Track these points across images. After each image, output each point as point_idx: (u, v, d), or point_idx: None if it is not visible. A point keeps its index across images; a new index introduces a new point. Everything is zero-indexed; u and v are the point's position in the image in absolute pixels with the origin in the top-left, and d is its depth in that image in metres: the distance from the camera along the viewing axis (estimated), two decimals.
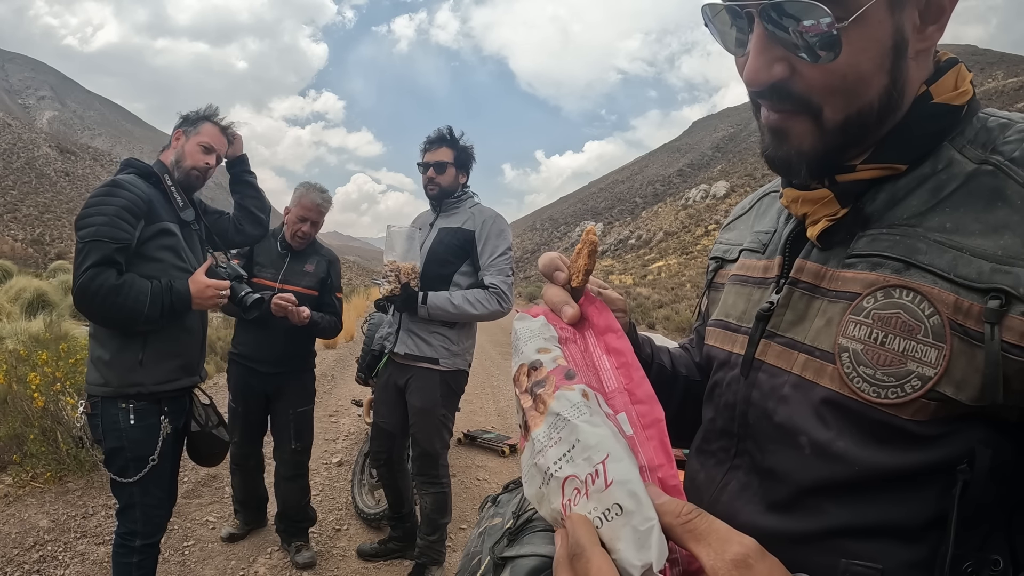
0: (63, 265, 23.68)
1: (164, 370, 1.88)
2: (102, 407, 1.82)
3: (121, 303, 1.71)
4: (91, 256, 1.71)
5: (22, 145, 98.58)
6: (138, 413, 1.83)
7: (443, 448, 2.56)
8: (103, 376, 1.82)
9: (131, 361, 1.82)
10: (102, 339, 1.85)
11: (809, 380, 0.55)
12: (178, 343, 1.94)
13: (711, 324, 0.72)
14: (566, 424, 0.46)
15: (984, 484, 0.47)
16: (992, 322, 0.45)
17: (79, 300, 1.72)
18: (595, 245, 0.61)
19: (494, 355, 10.12)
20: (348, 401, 5.56)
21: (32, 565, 2.60)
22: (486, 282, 2.43)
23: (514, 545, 1.10)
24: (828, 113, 0.54)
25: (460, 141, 2.55)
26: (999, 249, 0.47)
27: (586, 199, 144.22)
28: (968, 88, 0.55)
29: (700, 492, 0.65)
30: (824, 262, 0.57)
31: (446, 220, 2.54)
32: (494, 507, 1.44)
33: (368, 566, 2.81)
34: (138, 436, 1.83)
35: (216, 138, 2.04)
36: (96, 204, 1.77)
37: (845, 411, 0.52)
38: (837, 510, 0.52)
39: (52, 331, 6.40)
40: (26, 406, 3.50)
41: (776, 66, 0.53)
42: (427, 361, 2.46)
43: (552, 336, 0.57)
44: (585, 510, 0.42)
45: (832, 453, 0.52)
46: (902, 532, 0.49)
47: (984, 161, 0.51)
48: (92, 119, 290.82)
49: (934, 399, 0.48)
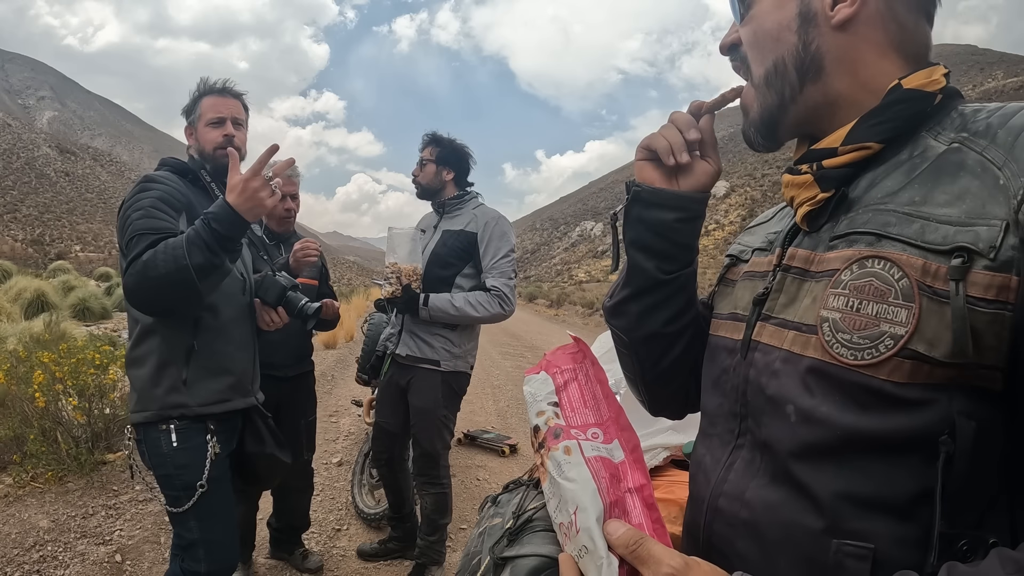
0: (63, 265, 23.70)
1: (211, 390, 1.64)
2: (144, 433, 1.61)
3: (161, 272, 1.41)
4: (131, 252, 1.48)
5: (22, 145, 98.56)
6: (180, 434, 1.59)
7: (444, 449, 2.56)
8: (143, 401, 1.60)
9: (173, 381, 1.59)
10: (142, 358, 1.62)
11: (796, 353, 0.58)
12: (227, 358, 1.68)
13: (723, 317, 0.75)
14: (553, 481, 0.59)
15: (970, 458, 0.48)
16: (957, 279, 0.48)
17: (131, 297, 1.49)
18: None
19: (494, 355, 10.12)
20: (348, 401, 5.56)
21: (32, 565, 2.60)
22: (488, 284, 2.42)
23: (514, 545, 1.10)
24: (754, 67, 0.67)
25: (445, 139, 2.56)
26: (962, 214, 0.50)
27: (586, 199, 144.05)
28: (940, 80, 0.60)
29: (708, 474, 0.67)
30: (813, 248, 0.62)
31: (449, 222, 2.54)
32: (494, 507, 1.44)
33: (368, 566, 2.81)
34: (183, 460, 1.60)
35: (218, 105, 1.76)
36: (130, 206, 1.57)
37: (827, 377, 0.55)
38: (826, 480, 0.54)
39: (52, 331, 6.40)
40: (26, 406, 3.50)
41: (733, 34, 0.70)
42: (428, 362, 2.46)
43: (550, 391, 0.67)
44: (570, 550, 0.58)
45: (816, 419, 0.55)
46: (892, 507, 0.51)
47: (953, 141, 0.56)
48: (92, 119, 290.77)
49: (908, 357, 0.50)
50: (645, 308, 0.78)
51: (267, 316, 1.81)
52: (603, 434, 0.62)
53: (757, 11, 0.66)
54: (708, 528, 0.65)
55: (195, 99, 1.79)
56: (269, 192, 1.47)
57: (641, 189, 0.75)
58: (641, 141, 0.76)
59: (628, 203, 0.77)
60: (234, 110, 1.78)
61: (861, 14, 0.61)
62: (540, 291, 36.58)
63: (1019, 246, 0.47)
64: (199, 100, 1.78)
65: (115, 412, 3.79)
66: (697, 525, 0.67)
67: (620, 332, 0.82)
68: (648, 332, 0.79)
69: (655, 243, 0.75)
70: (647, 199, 0.75)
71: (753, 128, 0.68)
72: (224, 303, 1.67)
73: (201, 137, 1.75)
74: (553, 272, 74.24)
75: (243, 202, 1.45)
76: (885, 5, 0.61)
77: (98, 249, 76.16)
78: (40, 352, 3.99)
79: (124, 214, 1.56)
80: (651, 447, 1.46)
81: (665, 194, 0.74)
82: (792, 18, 0.63)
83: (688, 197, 0.74)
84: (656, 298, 0.78)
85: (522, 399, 5.52)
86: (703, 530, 0.66)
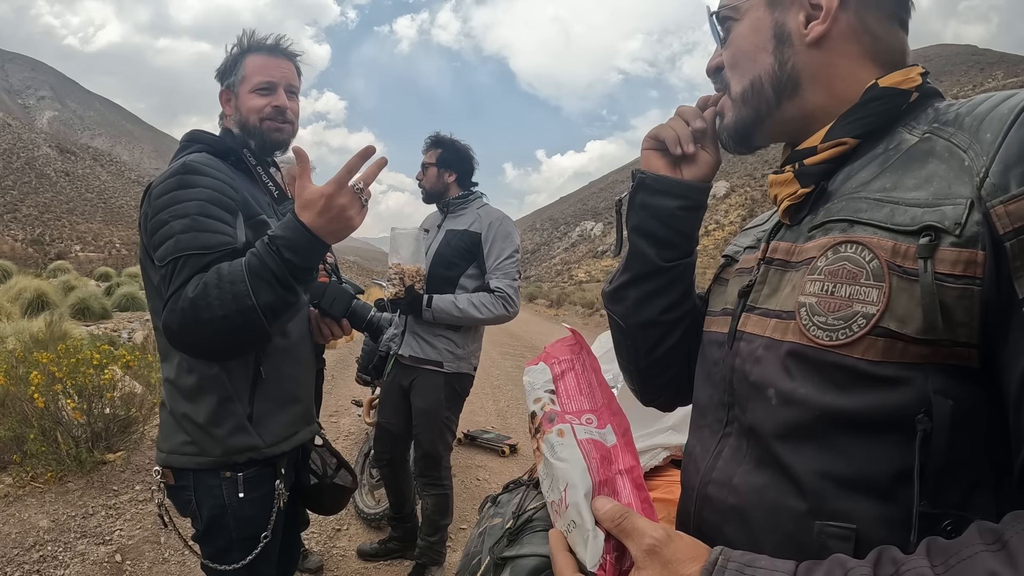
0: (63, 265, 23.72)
1: (281, 424, 1.34)
2: (196, 480, 1.27)
3: (219, 315, 1.09)
4: (175, 278, 1.13)
5: (22, 145, 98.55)
6: (249, 484, 1.28)
7: (445, 450, 2.56)
8: (197, 443, 1.25)
9: (237, 419, 1.27)
10: (193, 390, 1.26)
11: (777, 339, 0.60)
12: (295, 383, 1.39)
13: (715, 314, 0.77)
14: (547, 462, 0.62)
15: (949, 437, 0.49)
16: (925, 256, 0.50)
17: (176, 340, 1.15)
18: None
19: (495, 355, 10.12)
20: (348, 401, 5.56)
21: (32, 565, 2.60)
22: (492, 286, 2.42)
23: (514, 545, 1.10)
24: (733, 86, 0.70)
25: (447, 140, 2.55)
26: (930, 196, 0.52)
27: (586, 199, 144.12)
28: (916, 79, 0.62)
29: (697, 463, 0.69)
30: (794, 240, 0.64)
31: (453, 222, 2.53)
32: (494, 507, 1.43)
33: (368, 566, 2.81)
34: (249, 513, 1.30)
35: (269, 67, 1.38)
36: (169, 206, 1.18)
37: (805, 359, 0.56)
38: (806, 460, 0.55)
39: (52, 331, 6.40)
40: (26, 406, 3.50)
41: (716, 58, 0.74)
42: (431, 364, 2.45)
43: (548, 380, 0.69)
44: (559, 526, 0.61)
45: (795, 400, 0.56)
46: (873, 487, 0.52)
47: (925, 132, 0.58)
48: (92, 119, 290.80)
49: (881, 335, 0.51)
50: (644, 294, 0.81)
51: (327, 329, 1.50)
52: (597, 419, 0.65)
53: (735, 35, 0.69)
54: (698, 516, 0.67)
55: (236, 57, 1.39)
56: (359, 207, 1.14)
57: (646, 176, 0.78)
58: (649, 131, 0.79)
59: (633, 189, 0.80)
60: (288, 75, 1.40)
61: (834, 30, 0.63)
62: (540, 291, 36.58)
63: (983, 221, 0.49)
64: (242, 58, 1.38)
65: (115, 412, 3.78)
66: (687, 514, 0.68)
67: (618, 318, 0.84)
68: (645, 319, 0.81)
69: (658, 230, 0.78)
70: (652, 186, 0.78)
71: (726, 134, 0.73)
72: (292, 319, 1.37)
73: (243, 105, 1.37)
74: (553, 272, 74.30)
75: (325, 223, 1.12)
76: (856, 18, 0.63)
77: (98, 249, 76.17)
78: (38, 352, 3.99)
79: (159, 218, 1.18)
80: (651, 447, 1.46)
81: (670, 181, 0.77)
82: (768, 40, 0.66)
83: (692, 186, 0.77)
84: (655, 285, 0.80)
85: (522, 399, 5.52)
86: (692, 518, 0.67)
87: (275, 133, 1.39)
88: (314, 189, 1.12)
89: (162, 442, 1.30)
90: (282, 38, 1.42)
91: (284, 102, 1.38)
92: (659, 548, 0.52)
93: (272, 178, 1.44)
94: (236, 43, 1.40)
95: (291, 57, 1.43)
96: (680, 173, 0.78)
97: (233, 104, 1.40)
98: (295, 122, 1.43)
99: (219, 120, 1.46)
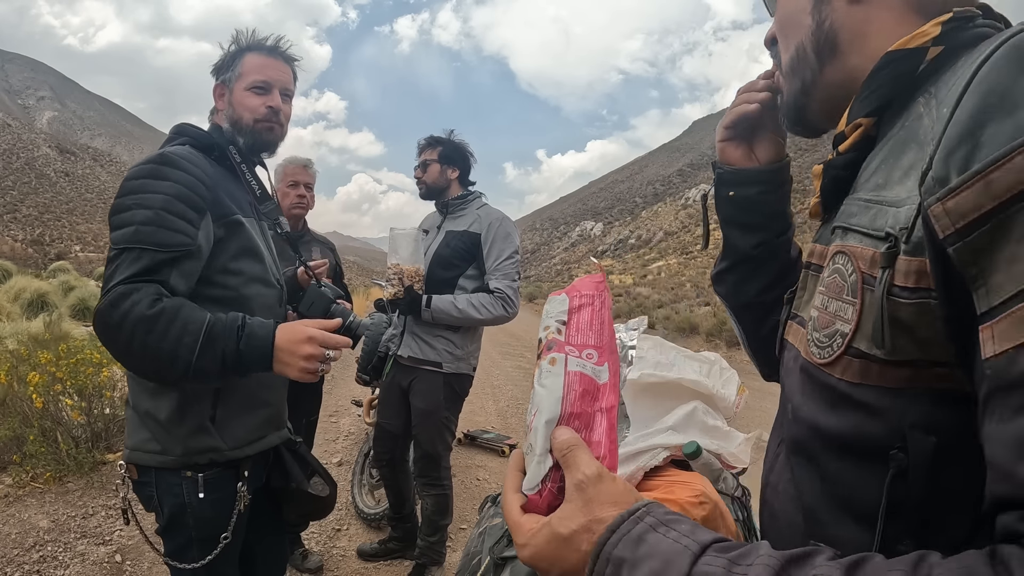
0: (63, 265, 23.71)
1: (246, 427, 1.33)
2: (158, 477, 1.27)
3: (154, 344, 1.09)
4: (124, 267, 1.13)
5: (22, 145, 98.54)
6: (210, 484, 1.27)
7: (445, 450, 2.55)
8: (158, 440, 1.25)
9: (198, 419, 1.26)
10: (151, 387, 1.26)
11: (799, 351, 0.59)
12: (264, 387, 1.37)
13: None
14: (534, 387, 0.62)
15: (929, 473, 0.44)
16: (884, 266, 0.44)
17: (98, 329, 1.13)
18: None
19: (495, 356, 10.11)
20: (348, 401, 5.56)
21: (32, 565, 2.60)
22: (491, 287, 2.41)
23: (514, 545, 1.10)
24: (783, 57, 0.66)
25: (445, 138, 2.55)
26: (905, 192, 0.46)
27: (586, 199, 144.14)
28: (930, 31, 0.51)
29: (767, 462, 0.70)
30: (826, 243, 0.59)
31: (453, 223, 2.53)
32: (494, 507, 1.44)
33: (368, 566, 2.81)
34: (209, 513, 1.29)
35: (267, 68, 1.39)
36: (137, 191, 1.19)
37: (807, 375, 0.55)
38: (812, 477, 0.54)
39: (52, 331, 6.40)
40: (26, 406, 3.50)
41: (772, 29, 0.70)
42: (430, 364, 2.45)
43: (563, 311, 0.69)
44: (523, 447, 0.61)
45: (800, 416, 0.56)
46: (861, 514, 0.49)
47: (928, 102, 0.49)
48: (92, 119, 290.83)
49: (856, 356, 0.48)
50: (740, 278, 0.84)
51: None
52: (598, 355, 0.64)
53: (780, 3, 0.66)
54: (761, 512, 0.68)
55: (235, 54, 1.40)
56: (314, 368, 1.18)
57: (723, 171, 0.81)
58: (720, 123, 0.81)
59: (715, 184, 0.83)
60: (285, 77, 1.42)
61: None
62: (540, 291, 36.58)
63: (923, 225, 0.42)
64: (240, 56, 1.39)
65: (115, 412, 3.78)
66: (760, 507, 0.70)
67: (722, 299, 0.89)
68: (745, 300, 0.85)
69: (744, 217, 0.81)
70: (730, 180, 0.80)
71: (782, 114, 0.70)
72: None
73: (238, 102, 1.37)
74: (553, 272, 74.24)
75: (285, 355, 1.16)
76: None
77: (98, 249, 76.13)
78: (37, 352, 3.99)
79: (124, 201, 1.19)
80: (651, 447, 1.46)
81: (744, 173, 0.79)
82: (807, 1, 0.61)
83: (765, 170, 0.79)
84: (748, 268, 0.83)
85: (522, 399, 5.53)
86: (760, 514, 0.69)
87: (266, 133, 1.39)
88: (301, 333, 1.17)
89: (127, 438, 1.31)
90: (281, 39, 1.43)
91: (278, 103, 1.39)
92: (586, 485, 0.49)
93: (256, 176, 1.43)
94: (234, 40, 1.41)
95: (289, 60, 1.44)
96: (755, 158, 0.79)
97: (227, 99, 1.40)
98: (285, 125, 1.44)
99: (210, 115, 1.46)
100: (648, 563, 0.42)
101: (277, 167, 2.62)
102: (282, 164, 2.64)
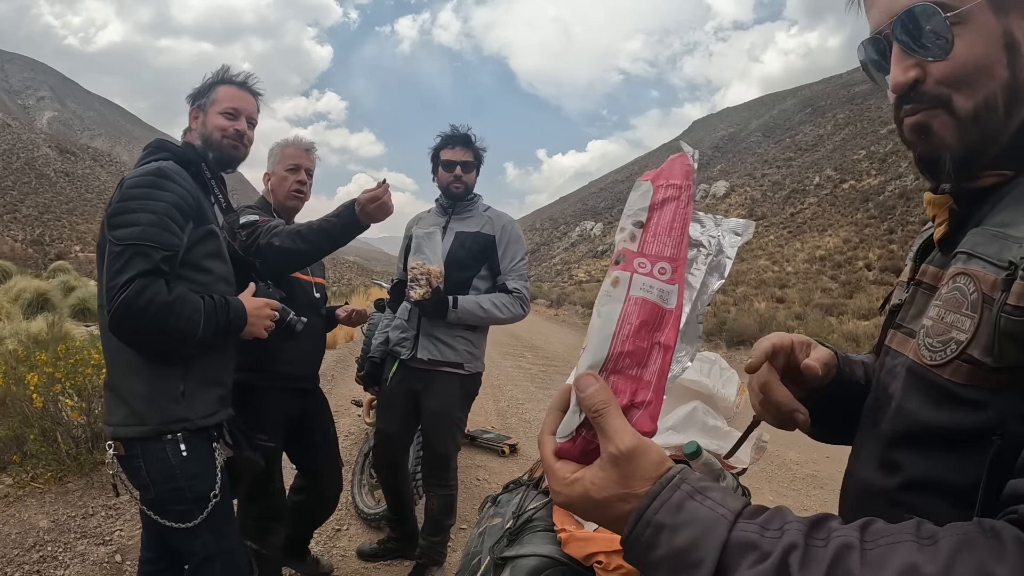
0: (63, 265, 23.67)
1: (207, 402, 1.58)
2: (144, 448, 1.48)
3: (175, 323, 1.40)
4: (135, 264, 1.37)
5: (22, 145, 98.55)
6: (189, 442, 1.50)
7: (455, 451, 2.56)
8: (138, 414, 1.47)
9: (172, 393, 1.50)
10: (133, 368, 1.49)
11: (909, 357, 0.65)
12: (221, 369, 1.65)
13: None
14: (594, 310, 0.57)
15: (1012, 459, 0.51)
16: (1002, 290, 0.53)
17: (123, 319, 1.38)
18: None
19: (495, 355, 10.12)
20: (348, 401, 5.56)
21: (32, 565, 2.60)
22: (509, 287, 2.44)
23: (514, 545, 1.10)
24: (958, 102, 0.61)
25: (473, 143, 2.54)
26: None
27: (586, 199, 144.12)
28: None
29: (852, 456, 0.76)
30: (941, 266, 0.68)
31: (461, 224, 2.52)
32: (494, 507, 1.44)
33: (368, 566, 2.81)
34: (195, 470, 1.50)
35: (237, 98, 1.70)
36: (141, 198, 1.43)
37: (915, 375, 0.62)
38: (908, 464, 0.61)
39: (52, 331, 6.40)
40: (26, 407, 3.50)
41: (910, 71, 0.63)
42: (450, 366, 2.43)
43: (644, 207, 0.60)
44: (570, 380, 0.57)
45: (904, 411, 0.62)
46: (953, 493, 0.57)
47: None
48: (92, 119, 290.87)
49: (967, 361, 0.55)
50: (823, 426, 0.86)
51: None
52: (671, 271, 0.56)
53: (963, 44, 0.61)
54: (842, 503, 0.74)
55: (210, 84, 1.71)
56: (270, 325, 1.67)
57: None
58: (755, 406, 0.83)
59: None
60: (250, 108, 1.73)
61: None
62: (540, 291, 36.56)
63: None
64: (215, 86, 1.70)
65: None
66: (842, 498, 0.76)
67: None
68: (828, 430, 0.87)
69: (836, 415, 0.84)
70: None
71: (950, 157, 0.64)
72: None
73: (210, 122, 1.67)
74: (553, 272, 74.27)
75: (254, 320, 1.61)
76: None
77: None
78: (36, 353, 3.99)
79: (127, 205, 1.42)
80: None
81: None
82: (999, 50, 0.60)
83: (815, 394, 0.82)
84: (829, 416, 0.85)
85: (522, 399, 5.52)
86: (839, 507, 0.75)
87: (232, 150, 1.69)
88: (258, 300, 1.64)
89: (108, 417, 1.53)
90: (250, 76, 1.76)
91: (244, 128, 1.71)
92: (620, 460, 0.51)
93: (223, 191, 1.71)
94: (214, 74, 1.72)
95: (255, 95, 1.77)
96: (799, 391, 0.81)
97: (200, 120, 1.69)
98: (248, 147, 1.75)
99: (183, 134, 1.74)
100: (687, 530, 0.48)
101: (274, 147, 2.36)
102: (280, 144, 2.35)
